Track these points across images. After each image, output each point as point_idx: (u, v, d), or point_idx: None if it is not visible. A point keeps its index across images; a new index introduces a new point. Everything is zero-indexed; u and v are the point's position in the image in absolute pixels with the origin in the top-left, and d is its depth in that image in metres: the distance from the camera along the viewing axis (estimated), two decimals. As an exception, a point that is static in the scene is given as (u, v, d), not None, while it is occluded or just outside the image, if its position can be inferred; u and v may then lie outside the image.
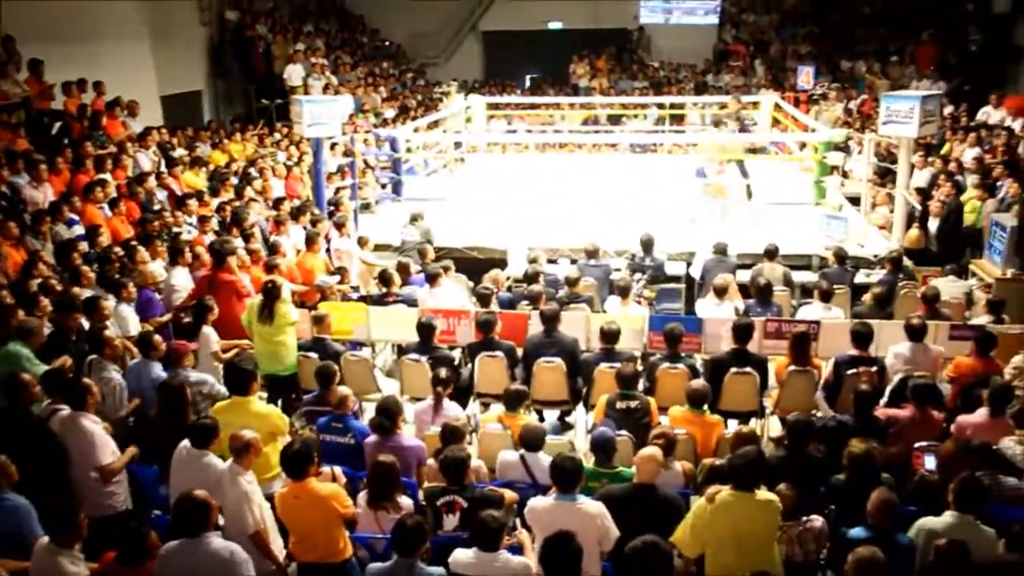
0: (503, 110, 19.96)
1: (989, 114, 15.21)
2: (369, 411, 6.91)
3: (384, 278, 8.99)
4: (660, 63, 25.00)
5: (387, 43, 25.73)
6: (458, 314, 8.27)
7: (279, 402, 7.54)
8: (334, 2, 24.97)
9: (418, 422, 6.67)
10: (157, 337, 6.93)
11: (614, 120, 20.86)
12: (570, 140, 18.73)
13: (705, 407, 6.48)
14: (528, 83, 26.29)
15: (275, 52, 19.21)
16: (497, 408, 6.81)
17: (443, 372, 6.66)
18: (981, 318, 8.26)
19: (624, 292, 8.58)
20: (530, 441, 5.80)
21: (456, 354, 8.11)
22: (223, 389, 6.62)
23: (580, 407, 7.79)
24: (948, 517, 4.91)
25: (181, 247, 8.74)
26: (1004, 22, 18.65)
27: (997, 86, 17.58)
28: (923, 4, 22.73)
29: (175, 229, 9.87)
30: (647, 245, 9.87)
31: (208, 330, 7.43)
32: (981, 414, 6.19)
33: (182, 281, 8.47)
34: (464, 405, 7.37)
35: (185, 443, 5.45)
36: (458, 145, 17.30)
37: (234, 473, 5.08)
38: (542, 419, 7.69)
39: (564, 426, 7.92)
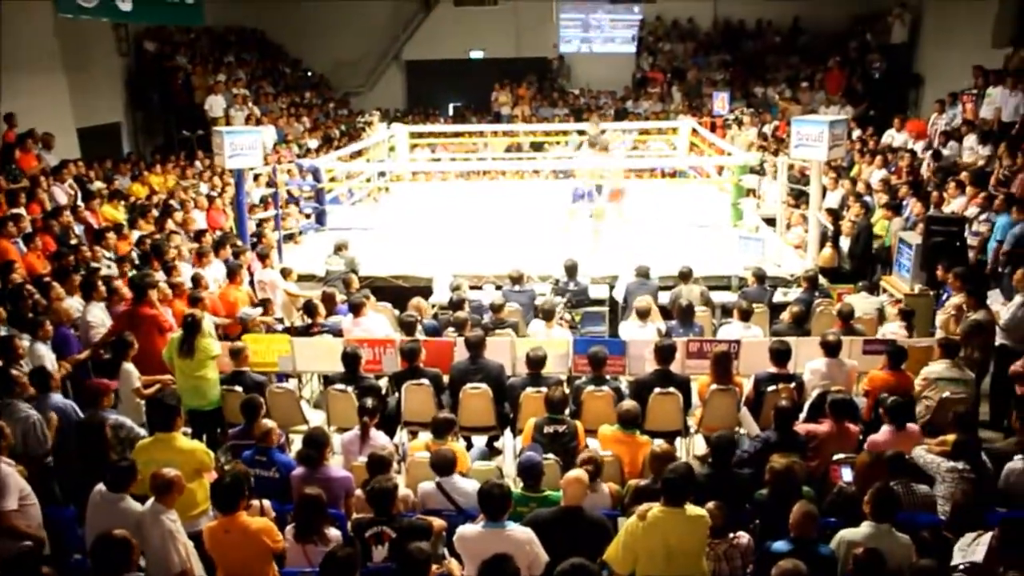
0: (427, 139, 20.01)
1: (893, 137, 15.80)
2: (297, 443, 6.85)
3: (309, 309, 8.92)
4: (580, 90, 25.42)
5: (310, 73, 25.63)
6: (383, 343, 8.27)
7: (203, 437, 7.42)
8: (256, 32, 24.77)
9: (345, 453, 6.63)
10: (51, 367, 6.74)
11: (536, 147, 21.09)
12: (493, 168, 18.88)
13: (636, 428, 6.57)
14: (451, 111, 26.44)
15: (195, 83, 18.97)
16: (425, 436, 6.82)
17: (369, 402, 6.64)
18: (892, 325, 8.57)
19: (548, 315, 8.67)
20: (440, 467, 5.81)
21: (383, 383, 8.09)
22: (141, 431, 6.49)
23: (508, 432, 7.83)
24: (865, 527, 5.07)
25: (95, 282, 8.55)
26: (902, 51, 19.47)
27: (900, 110, 18.31)
28: (829, 33, 23.67)
29: (93, 264, 9.67)
30: (571, 270, 10.00)
31: (128, 367, 7.29)
32: (886, 431, 6.41)
33: (98, 317, 8.29)
34: (391, 434, 7.35)
35: (100, 487, 5.30)
36: (382, 174, 17.30)
37: (156, 512, 4.98)
38: (470, 445, 7.70)
39: (492, 452, 7.95)
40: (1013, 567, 4.50)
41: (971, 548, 4.88)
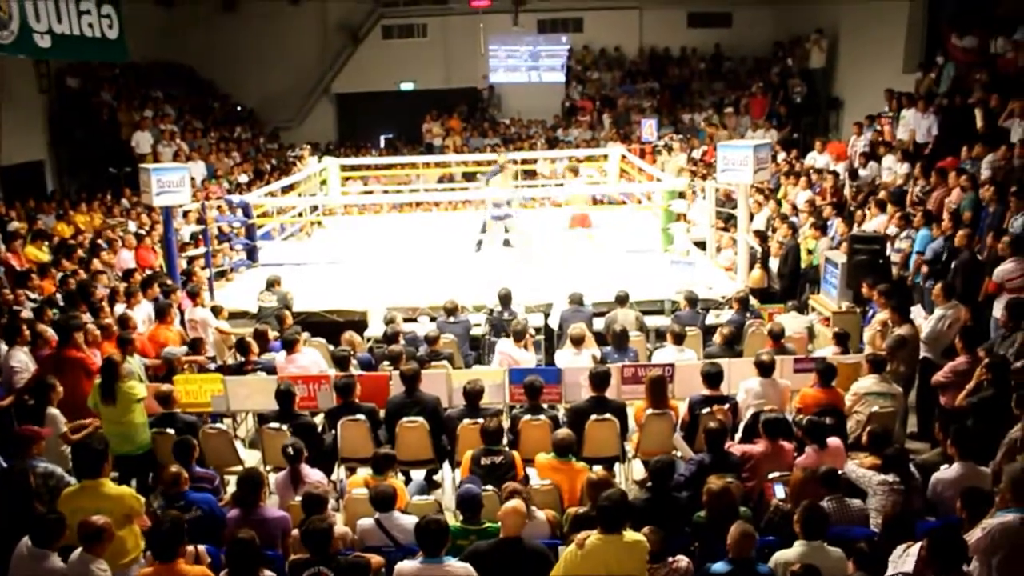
0: (359, 171, 19.96)
1: (816, 159, 16.24)
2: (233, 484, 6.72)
3: (241, 347, 8.79)
4: (511, 120, 25.66)
5: (239, 107, 25.41)
6: (317, 379, 8.17)
7: (133, 483, 7.22)
8: (183, 68, 24.49)
9: (280, 492, 6.52)
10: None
11: (469, 177, 21.18)
12: (426, 199, 18.87)
13: (571, 455, 6.57)
14: (383, 143, 26.43)
15: (121, 119, 18.68)
16: (364, 472, 6.74)
17: (291, 449, 6.49)
18: (827, 349, 8.74)
19: (519, 335, 8.80)
20: (380, 502, 5.76)
21: (318, 419, 7.99)
22: (72, 480, 6.30)
23: (447, 465, 7.79)
24: (798, 546, 5.15)
25: (19, 326, 8.31)
26: (822, 75, 20.07)
27: (822, 133, 18.87)
28: (751, 59, 24.28)
29: (15, 307, 9.40)
30: (505, 299, 10.02)
31: (53, 412, 7.09)
32: (810, 451, 6.51)
33: (22, 361, 8.05)
34: (329, 471, 7.26)
35: (26, 541, 5.11)
36: (314, 208, 17.17)
37: (85, 563, 4.83)
38: (408, 479, 7.63)
39: (431, 485, 7.89)
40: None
41: (902, 559, 4.97)
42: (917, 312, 9.22)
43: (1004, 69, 13.24)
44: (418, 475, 7.90)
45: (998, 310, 8.74)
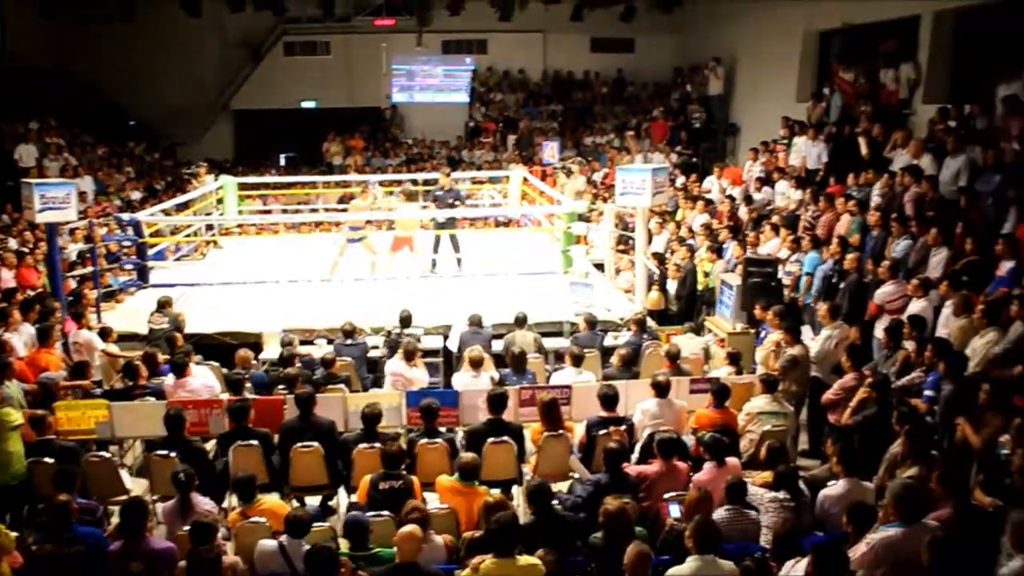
0: (257, 190, 19.56)
1: (713, 183, 16.65)
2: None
3: (129, 370, 8.48)
4: (414, 140, 25.58)
5: (133, 122, 24.64)
6: (209, 404, 7.93)
7: (8, 516, 6.86)
8: (74, 78, 23.58)
9: (167, 522, 6.28)
10: None
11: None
12: (326, 219, 18.61)
13: (475, 479, 6.52)
14: (283, 162, 26.01)
15: (3, 131, 17.88)
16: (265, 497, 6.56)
17: (181, 476, 6.26)
18: (722, 370, 8.93)
19: (410, 355, 8.74)
20: (295, 527, 5.61)
21: (210, 445, 7.74)
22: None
23: (342, 490, 7.64)
24: (690, 562, 5.18)
25: None
26: (719, 102, 20.63)
27: (719, 158, 19.38)
28: (652, 85, 24.83)
29: None
30: (405, 321, 9.94)
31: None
32: (708, 468, 6.63)
33: None
34: (220, 498, 7.04)
35: None
36: (209, 227, 16.74)
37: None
38: (303, 505, 7.45)
39: (326, 511, 7.72)
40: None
41: (789, 574, 5.08)
42: (806, 332, 9.50)
43: (886, 101, 13.83)
44: (313, 501, 7.72)
45: (879, 331, 9.08)
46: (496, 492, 6.69)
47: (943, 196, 10.75)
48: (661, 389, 7.75)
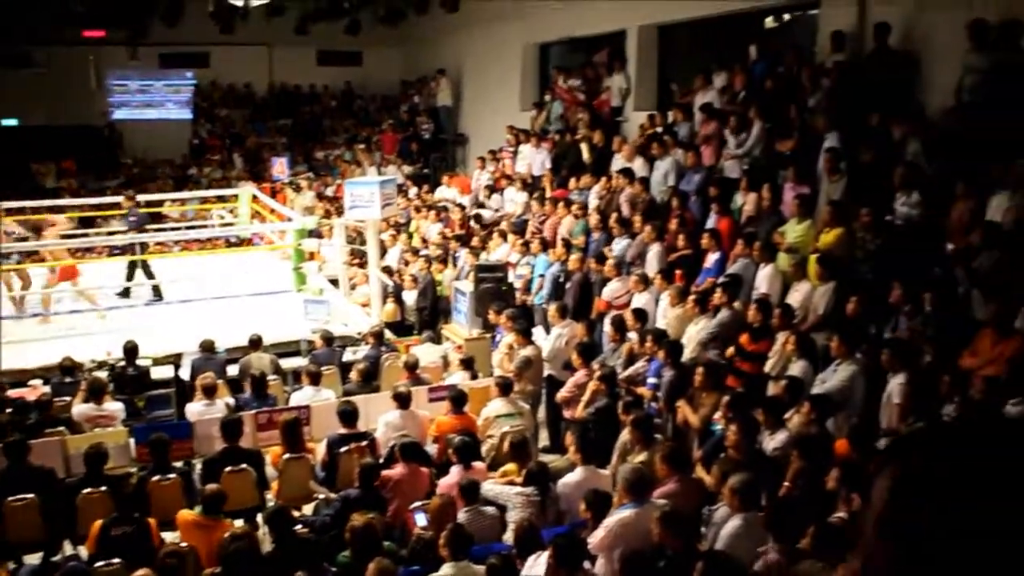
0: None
1: (444, 193, 16.92)
2: None
3: None
4: (134, 159, 24.05)
5: None
6: None
7: None
8: None
9: None
10: None
11: (87, 222, 19.43)
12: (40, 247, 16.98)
13: (220, 512, 6.25)
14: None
15: None
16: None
17: None
18: (457, 375, 9.06)
19: (97, 393, 8.21)
20: None
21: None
22: None
23: (67, 543, 7.02)
24: (446, 568, 5.25)
25: None
26: (447, 113, 21.03)
27: (450, 168, 19.74)
28: (381, 97, 24.92)
29: None
30: (130, 352, 9.32)
31: None
32: (455, 471, 6.74)
33: None
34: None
35: None
36: None
37: None
38: (20, 564, 6.77)
39: (49, 568, 7.04)
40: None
41: (533, 569, 5.23)
42: (538, 333, 9.85)
43: (601, 108, 14.66)
44: (33, 559, 7.02)
45: (607, 326, 9.58)
46: (240, 523, 6.42)
47: (654, 197, 11.50)
48: (403, 400, 7.79)
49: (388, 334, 10.79)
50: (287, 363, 9.97)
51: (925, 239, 7.95)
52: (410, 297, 12.22)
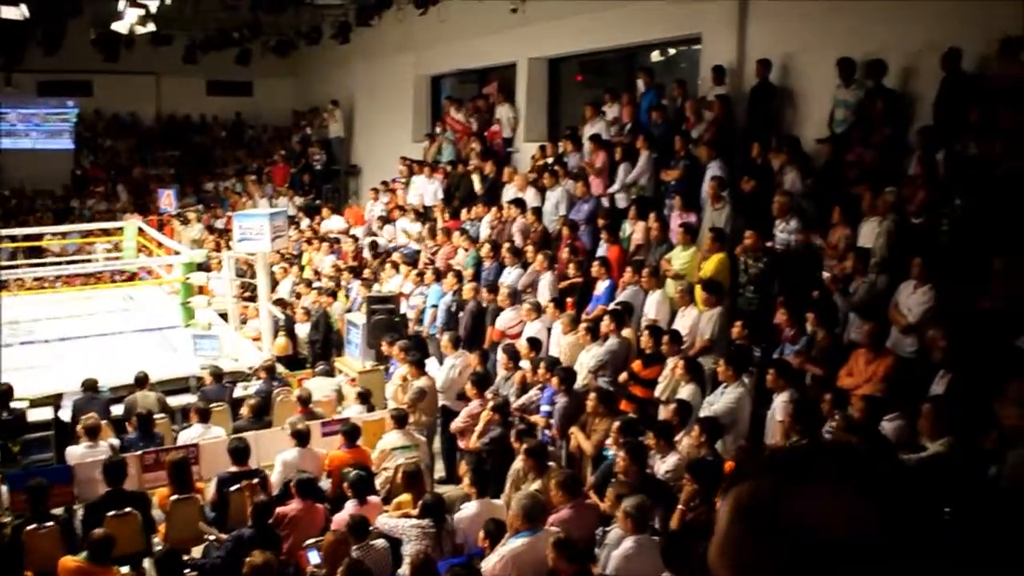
0: None
1: (329, 224, 16.81)
2: None
3: None
4: (11, 191, 23.06)
5: None
6: None
7: None
8: None
9: None
10: None
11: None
12: None
13: (108, 559, 6.01)
14: None
15: None
16: None
17: None
18: (353, 408, 8.98)
19: None
20: None
21: None
22: None
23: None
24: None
25: None
26: (339, 144, 20.91)
27: (344, 199, 19.62)
28: (273, 128, 24.62)
29: None
30: (4, 395, 8.92)
31: None
32: (350, 506, 6.69)
33: None
34: None
35: None
36: None
37: None
38: None
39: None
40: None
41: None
42: (432, 363, 9.86)
43: (492, 139, 14.83)
44: None
45: (500, 355, 9.65)
46: (126, 570, 6.22)
47: (546, 227, 11.67)
48: (302, 437, 7.68)
49: (280, 368, 10.63)
50: (175, 400, 9.72)
51: (804, 264, 8.32)
52: (302, 330, 12.06)
